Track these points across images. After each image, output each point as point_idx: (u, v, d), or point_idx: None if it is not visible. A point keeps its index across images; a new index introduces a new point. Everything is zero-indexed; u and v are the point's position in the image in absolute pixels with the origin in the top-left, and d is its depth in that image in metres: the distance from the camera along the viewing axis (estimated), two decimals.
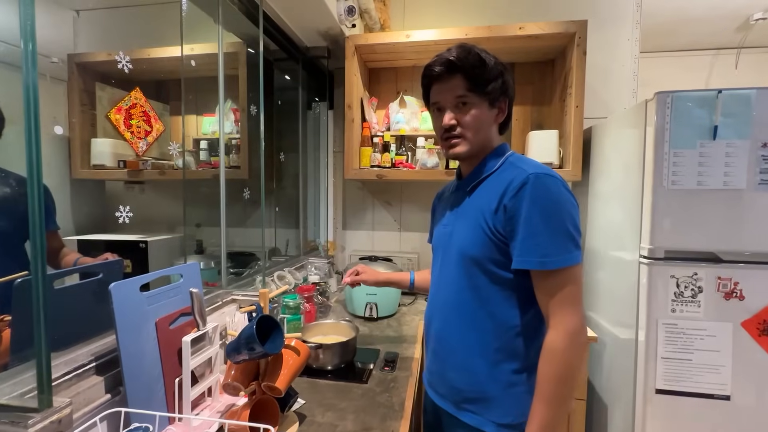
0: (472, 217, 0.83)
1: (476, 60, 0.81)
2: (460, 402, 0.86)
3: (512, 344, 0.80)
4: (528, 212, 0.73)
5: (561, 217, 0.73)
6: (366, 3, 1.75)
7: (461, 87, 0.82)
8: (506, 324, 0.81)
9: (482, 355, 0.82)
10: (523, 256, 0.74)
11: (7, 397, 0.58)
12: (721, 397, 1.18)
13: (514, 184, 0.76)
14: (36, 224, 0.55)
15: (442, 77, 0.83)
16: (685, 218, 1.17)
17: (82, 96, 1.11)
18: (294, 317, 1.27)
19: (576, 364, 0.74)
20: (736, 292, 1.15)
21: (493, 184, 0.82)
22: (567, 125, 1.68)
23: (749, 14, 2.42)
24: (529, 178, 0.74)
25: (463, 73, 0.81)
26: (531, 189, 0.74)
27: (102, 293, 0.91)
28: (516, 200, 0.75)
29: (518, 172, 0.78)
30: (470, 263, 0.82)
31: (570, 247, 0.73)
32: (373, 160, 1.85)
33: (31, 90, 0.53)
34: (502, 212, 0.77)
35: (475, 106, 0.83)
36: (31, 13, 0.53)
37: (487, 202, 0.81)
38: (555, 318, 0.74)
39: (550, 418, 0.73)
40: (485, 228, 0.79)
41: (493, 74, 0.82)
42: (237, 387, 0.76)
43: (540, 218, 0.73)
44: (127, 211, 0.89)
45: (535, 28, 1.62)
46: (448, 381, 0.88)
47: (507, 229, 0.77)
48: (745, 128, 1.13)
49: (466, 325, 0.84)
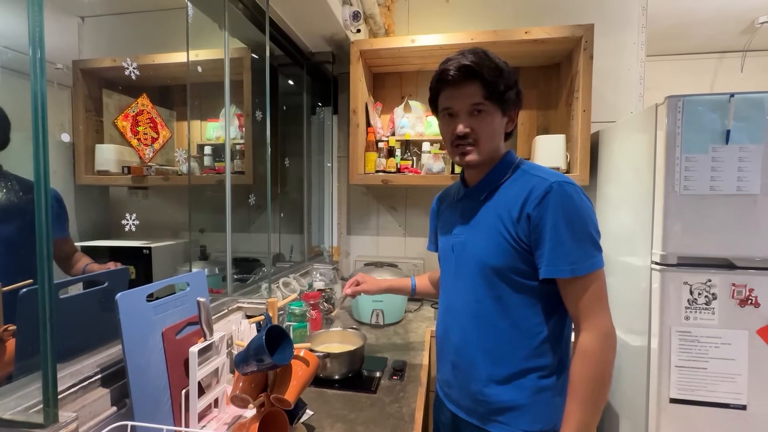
0: (489, 226, 0.82)
1: (494, 67, 0.79)
2: (487, 414, 0.84)
3: (537, 351, 0.80)
4: (554, 221, 0.74)
5: (585, 224, 0.74)
6: (371, 8, 1.75)
7: (478, 94, 0.80)
8: (531, 331, 0.80)
9: (508, 365, 0.81)
10: (554, 265, 0.74)
11: (11, 411, 0.56)
12: (737, 407, 1.15)
13: (536, 193, 0.76)
14: (43, 232, 0.54)
15: (458, 82, 0.81)
16: (697, 224, 1.15)
17: (87, 102, 1.10)
18: (300, 325, 1.26)
19: (610, 364, 0.74)
20: (751, 299, 1.13)
21: (510, 192, 0.81)
22: (574, 129, 1.67)
23: (754, 17, 2.41)
24: (552, 186, 0.75)
25: (480, 79, 0.79)
26: (555, 198, 0.74)
27: (107, 302, 0.90)
28: (540, 209, 0.75)
29: (538, 180, 0.77)
30: (491, 273, 0.81)
31: (594, 252, 0.74)
32: (378, 165, 1.84)
33: (39, 98, 0.52)
34: (526, 221, 0.77)
35: (489, 115, 0.81)
36: (39, 20, 0.52)
37: (506, 211, 0.80)
38: (587, 320, 0.75)
39: (586, 420, 0.73)
40: (507, 237, 0.79)
41: (510, 82, 0.81)
42: (246, 399, 0.74)
43: (566, 227, 0.73)
44: (133, 219, 0.88)
45: (541, 32, 1.61)
46: (473, 394, 0.86)
47: (532, 238, 0.77)
48: (758, 132, 1.11)
49: (489, 336, 0.83)
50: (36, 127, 0.53)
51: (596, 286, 0.74)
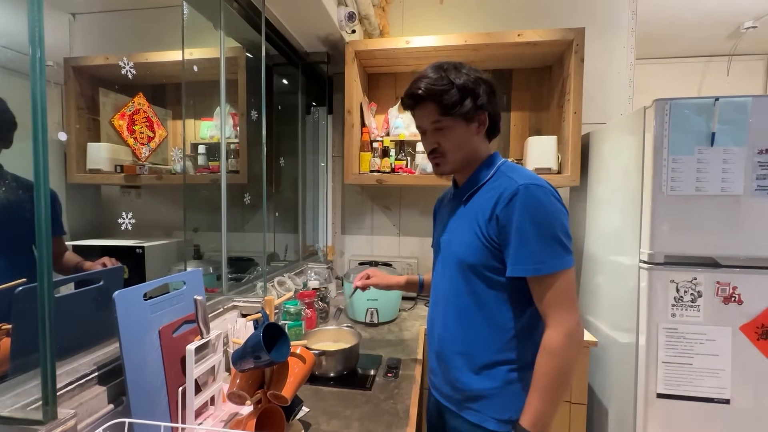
0: (468, 225, 0.87)
1: (444, 85, 0.84)
2: (462, 401, 0.90)
3: (509, 344, 0.86)
4: (519, 222, 0.77)
5: (551, 225, 0.78)
6: (366, 9, 1.76)
7: (434, 113, 0.86)
8: (503, 326, 0.85)
9: (481, 356, 0.87)
10: (518, 264, 0.79)
11: (9, 409, 0.57)
12: (720, 401, 1.19)
13: (505, 195, 0.80)
14: (42, 231, 0.54)
15: (415, 107, 0.89)
16: (684, 223, 1.18)
17: (79, 100, 1.09)
18: (295, 323, 1.26)
19: (572, 361, 0.78)
20: (734, 296, 1.17)
21: (487, 193, 0.86)
22: (565, 131, 1.70)
23: (740, 22, 2.47)
24: (519, 189, 0.78)
25: (432, 100, 0.85)
26: (521, 199, 0.78)
27: (103, 301, 0.90)
28: (507, 210, 0.79)
29: (509, 182, 0.82)
30: (467, 269, 0.86)
31: (561, 253, 0.78)
32: (372, 165, 1.86)
33: (39, 97, 0.53)
34: (495, 222, 0.81)
35: (450, 128, 0.87)
36: (39, 19, 0.52)
37: (481, 211, 0.85)
38: (552, 318, 0.78)
39: (543, 410, 0.77)
40: (480, 236, 0.84)
41: (464, 94, 0.84)
42: (242, 396, 0.75)
43: (531, 227, 0.77)
44: (129, 218, 0.88)
45: (533, 35, 1.64)
46: (451, 381, 0.92)
47: (501, 238, 0.81)
48: (741, 135, 1.15)
49: (466, 328, 0.89)
50: (35, 126, 0.54)
51: (562, 285, 0.77)
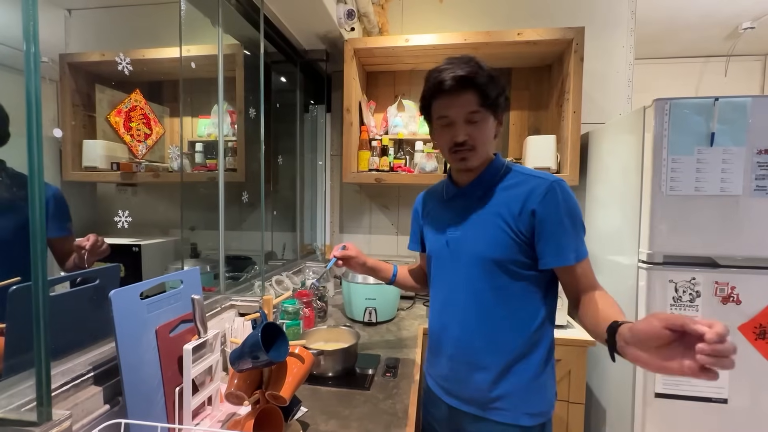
0: (488, 222, 0.87)
1: (486, 75, 0.83)
2: (488, 402, 0.88)
3: (534, 337, 0.87)
4: (558, 215, 0.81)
5: (580, 218, 0.84)
6: (365, 6, 1.75)
7: (474, 102, 0.83)
8: (528, 318, 0.87)
9: (507, 352, 0.87)
10: (561, 255, 0.81)
11: (3, 410, 0.56)
12: (718, 401, 1.19)
13: (538, 191, 0.83)
14: (37, 229, 0.53)
15: (453, 92, 0.83)
16: (683, 223, 1.18)
17: (74, 97, 1.08)
18: (293, 323, 1.26)
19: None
20: (733, 296, 1.17)
21: (508, 191, 0.87)
22: (564, 130, 1.70)
23: (738, 23, 2.48)
24: (553, 185, 0.82)
25: (475, 88, 0.82)
26: (557, 194, 0.82)
27: (99, 300, 0.88)
28: (544, 205, 0.82)
29: (538, 180, 0.85)
30: (492, 265, 0.86)
31: (584, 241, 0.84)
32: (371, 164, 1.85)
33: (33, 93, 0.52)
34: (528, 216, 0.83)
35: (484, 121, 0.85)
36: (34, 14, 0.51)
37: (505, 208, 0.85)
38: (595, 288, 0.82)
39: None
40: (508, 231, 0.84)
41: (500, 88, 0.85)
42: (240, 396, 0.74)
43: (568, 220, 0.82)
44: (126, 216, 0.87)
45: (533, 34, 1.64)
46: (474, 384, 0.90)
47: (536, 231, 0.83)
48: (740, 135, 1.15)
49: (489, 326, 0.88)
50: (30, 123, 0.53)
51: (589, 270, 0.84)
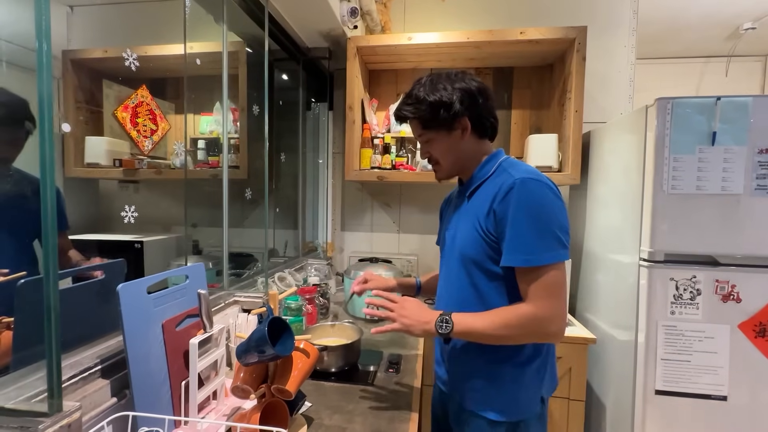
0: (469, 220, 0.90)
1: (420, 101, 0.88)
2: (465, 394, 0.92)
3: None
4: (514, 215, 0.79)
5: (546, 218, 0.78)
6: (368, 5, 1.76)
7: (417, 128, 0.93)
8: None
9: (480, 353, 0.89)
10: (510, 254, 0.80)
11: (14, 401, 0.56)
12: (718, 398, 1.20)
13: (502, 189, 0.82)
14: (48, 225, 0.54)
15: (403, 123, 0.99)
16: (684, 222, 1.19)
17: (77, 93, 1.08)
18: (296, 319, 1.26)
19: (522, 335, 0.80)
20: (733, 294, 1.18)
21: (487, 189, 0.88)
22: (566, 129, 1.70)
23: (739, 24, 2.48)
24: (515, 182, 0.79)
25: (413, 118, 0.91)
26: (517, 193, 0.79)
27: (104, 294, 0.89)
28: (503, 204, 0.80)
29: (507, 177, 0.83)
30: (469, 262, 0.89)
31: (554, 246, 0.78)
32: (373, 162, 1.85)
33: (45, 91, 0.52)
34: (492, 216, 0.83)
35: (434, 139, 0.92)
36: (46, 11, 0.51)
37: (481, 206, 0.87)
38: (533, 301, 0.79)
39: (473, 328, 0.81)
40: (479, 230, 0.86)
41: (438, 106, 0.87)
42: (247, 390, 0.75)
43: (525, 219, 0.78)
44: (132, 211, 0.88)
45: (536, 33, 1.64)
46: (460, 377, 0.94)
47: (498, 231, 0.82)
48: (742, 135, 1.15)
49: None
50: (42, 120, 0.53)
51: (550, 278, 0.78)
